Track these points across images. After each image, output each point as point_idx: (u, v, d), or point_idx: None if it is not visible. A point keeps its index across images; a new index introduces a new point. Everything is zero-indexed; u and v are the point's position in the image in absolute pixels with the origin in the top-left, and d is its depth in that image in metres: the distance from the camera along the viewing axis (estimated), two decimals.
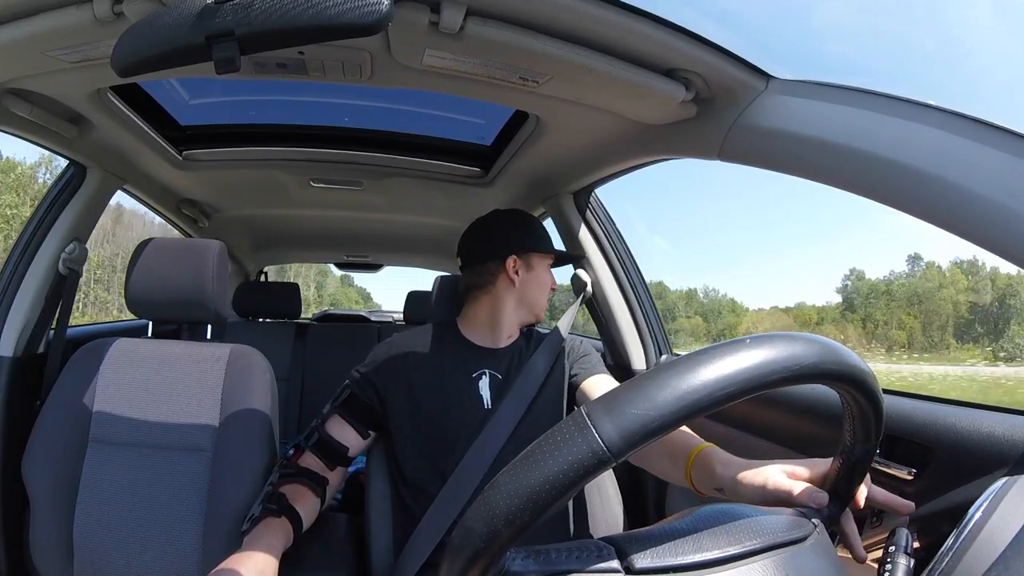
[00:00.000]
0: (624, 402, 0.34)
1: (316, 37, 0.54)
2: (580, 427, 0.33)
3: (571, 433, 0.33)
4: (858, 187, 0.68)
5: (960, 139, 0.57)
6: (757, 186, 32.33)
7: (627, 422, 0.33)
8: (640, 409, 0.33)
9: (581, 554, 0.39)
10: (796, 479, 0.56)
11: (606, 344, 1.48)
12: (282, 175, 1.56)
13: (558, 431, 0.34)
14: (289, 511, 0.81)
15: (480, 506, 0.35)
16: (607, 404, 0.34)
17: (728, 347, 0.36)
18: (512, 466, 0.34)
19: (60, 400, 0.96)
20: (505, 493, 0.33)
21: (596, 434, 0.33)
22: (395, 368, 0.95)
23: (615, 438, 0.33)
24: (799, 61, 1.06)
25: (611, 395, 0.35)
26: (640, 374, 0.36)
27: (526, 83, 0.87)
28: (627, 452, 0.33)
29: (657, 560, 0.38)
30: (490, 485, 0.35)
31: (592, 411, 0.34)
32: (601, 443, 0.33)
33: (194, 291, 1.04)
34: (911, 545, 0.48)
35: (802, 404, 0.93)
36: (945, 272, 49.46)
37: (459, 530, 0.36)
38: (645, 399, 0.34)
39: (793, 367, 0.36)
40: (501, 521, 0.33)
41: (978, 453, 0.64)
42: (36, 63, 0.82)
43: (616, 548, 0.39)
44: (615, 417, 0.33)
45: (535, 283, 1.02)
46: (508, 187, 1.52)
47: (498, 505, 0.33)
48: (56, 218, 1.21)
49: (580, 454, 0.33)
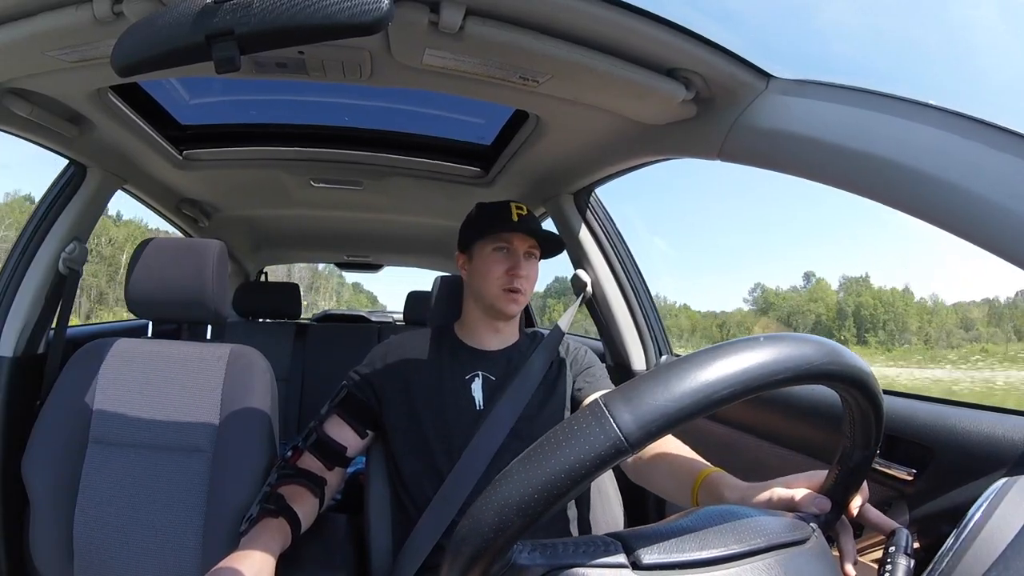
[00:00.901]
0: (642, 392, 0.34)
1: (316, 36, 0.54)
2: (598, 416, 0.33)
3: (588, 423, 0.33)
4: (858, 187, 0.68)
5: (961, 139, 0.57)
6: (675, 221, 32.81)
7: (646, 412, 0.33)
8: (659, 400, 0.33)
9: (588, 548, 0.39)
10: (797, 486, 0.56)
11: (606, 344, 1.48)
12: (282, 175, 1.56)
13: (574, 420, 0.34)
14: (287, 512, 0.81)
15: (491, 495, 0.34)
16: (625, 394, 0.34)
17: (744, 343, 0.36)
18: (526, 455, 0.34)
19: (60, 400, 0.96)
20: (519, 481, 0.33)
21: (614, 424, 0.33)
22: (393, 369, 0.95)
23: (633, 428, 0.33)
24: (799, 61, 1.06)
25: (629, 386, 0.35)
26: (657, 366, 0.37)
27: (526, 83, 0.87)
28: (645, 442, 0.33)
29: (663, 556, 0.38)
30: (502, 475, 0.35)
31: (610, 401, 0.34)
32: (619, 432, 0.33)
33: (194, 291, 1.04)
34: (911, 546, 0.48)
35: (803, 406, 0.93)
36: (823, 287, 54.83)
37: (466, 520, 0.35)
38: (664, 390, 0.34)
39: (804, 365, 0.37)
40: (513, 510, 0.33)
41: (978, 453, 0.64)
42: (36, 63, 0.82)
43: (623, 543, 0.40)
44: (633, 407, 0.33)
45: (478, 273, 0.96)
46: (508, 187, 1.51)
47: (511, 494, 0.33)
48: (56, 218, 1.21)
49: (597, 443, 0.33)
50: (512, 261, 0.94)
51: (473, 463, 0.87)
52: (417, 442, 0.91)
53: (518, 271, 0.93)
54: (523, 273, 0.94)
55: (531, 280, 0.96)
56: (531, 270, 0.96)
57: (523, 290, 0.95)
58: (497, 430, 0.89)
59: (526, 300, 0.97)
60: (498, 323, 0.99)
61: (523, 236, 0.95)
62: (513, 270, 0.93)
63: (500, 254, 0.95)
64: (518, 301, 0.95)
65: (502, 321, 0.98)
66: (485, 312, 0.98)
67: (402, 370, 0.95)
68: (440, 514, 0.85)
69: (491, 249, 0.95)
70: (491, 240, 0.95)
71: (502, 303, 0.94)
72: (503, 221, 0.94)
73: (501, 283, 0.94)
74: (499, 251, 0.95)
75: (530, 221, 0.96)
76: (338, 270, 3.55)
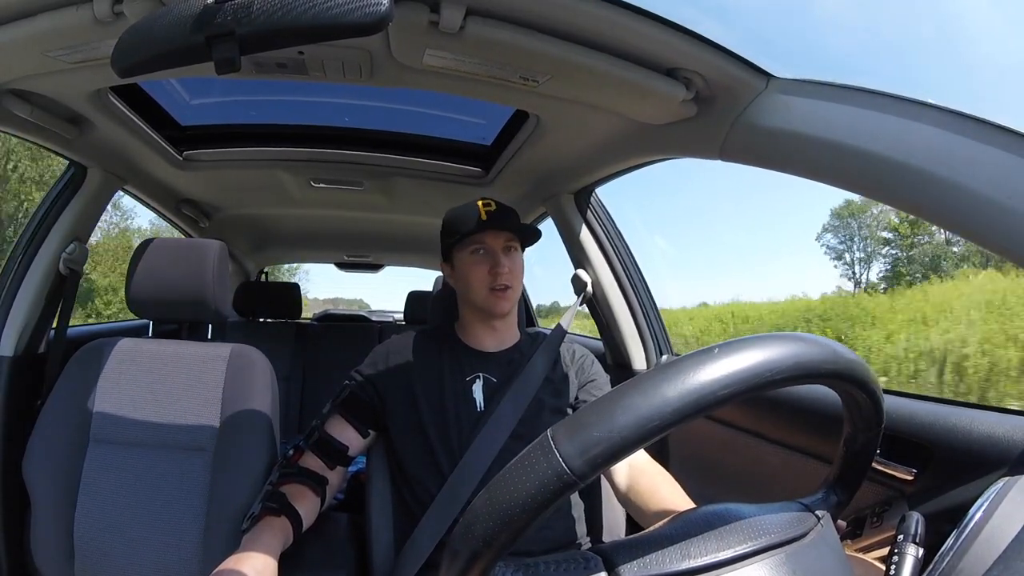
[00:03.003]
0: (586, 425, 0.34)
1: (316, 37, 0.54)
2: (545, 451, 0.34)
3: (537, 456, 0.34)
4: (859, 186, 0.68)
5: (961, 138, 0.57)
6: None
7: (588, 445, 0.33)
8: (601, 432, 0.33)
9: (569, 566, 0.39)
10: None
11: (606, 344, 1.48)
12: (283, 175, 1.57)
13: (527, 455, 0.34)
14: (289, 510, 0.81)
15: (462, 526, 0.35)
16: (569, 427, 0.34)
17: (691, 360, 0.35)
18: (487, 488, 0.35)
19: (60, 400, 0.97)
20: (482, 515, 0.34)
21: (560, 457, 0.33)
22: (395, 369, 0.95)
23: (578, 461, 0.33)
24: (800, 60, 1.06)
25: (574, 418, 0.35)
26: (604, 394, 0.36)
27: (526, 83, 0.87)
28: (591, 474, 0.33)
29: (644, 569, 0.38)
30: (470, 507, 0.35)
31: (556, 434, 0.34)
32: (564, 466, 0.33)
33: (195, 291, 1.04)
34: (920, 532, 0.47)
35: (803, 405, 0.93)
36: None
37: (448, 547, 0.36)
38: (606, 421, 0.34)
39: (765, 373, 0.35)
40: (480, 542, 0.34)
41: (978, 453, 0.64)
42: (36, 63, 0.82)
43: (603, 558, 0.40)
44: (576, 441, 0.33)
45: (463, 280, 0.96)
46: (508, 187, 1.52)
47: (476, 527, 0.34)
48: (56, 218, 1.22)
49: (546, 477, 0.33)
50: (491, 260, 0.94)
51: (475, 463, 0.87)
52: (419, 442, 0.91)
53: (499, 269, 0.93)
54: (504, 270, 0.93)
55: (515, 274, 0.95)
56: (513, 264, 0.95)
57: (510, 285, 0.94)
58: (499, 431, 0.89)
59: (516, 294, 0.96)
60: (494, 323, 0.99)
61: (495, 232, 0.95)
62: (494, 269, 0.93)
63: (478, 256, 0.94)
64: (507, 297, 0.94)
65: (497, 320, 0.98)
66: (479, 315, 0.98)
67: (404, 370, 0.95)
68: (442, 512, 0.85)
69: (468, 253, 0.95)
70: (467, 244, 0.95)
71: (492, 304, 0.94)
72: (472, 222, 0.94)
73: (486, 284, 0.93)
74: (476, 253, 0.95)
75: (500, 216, 0.94)
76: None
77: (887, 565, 0.47)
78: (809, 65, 0.80)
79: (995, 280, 9.34)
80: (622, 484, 0.88)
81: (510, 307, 0.96)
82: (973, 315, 8.48)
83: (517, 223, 0.97)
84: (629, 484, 0.87)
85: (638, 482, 0.86)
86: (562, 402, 0.96)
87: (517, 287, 0.96)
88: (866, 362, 0.42)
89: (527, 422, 0.91)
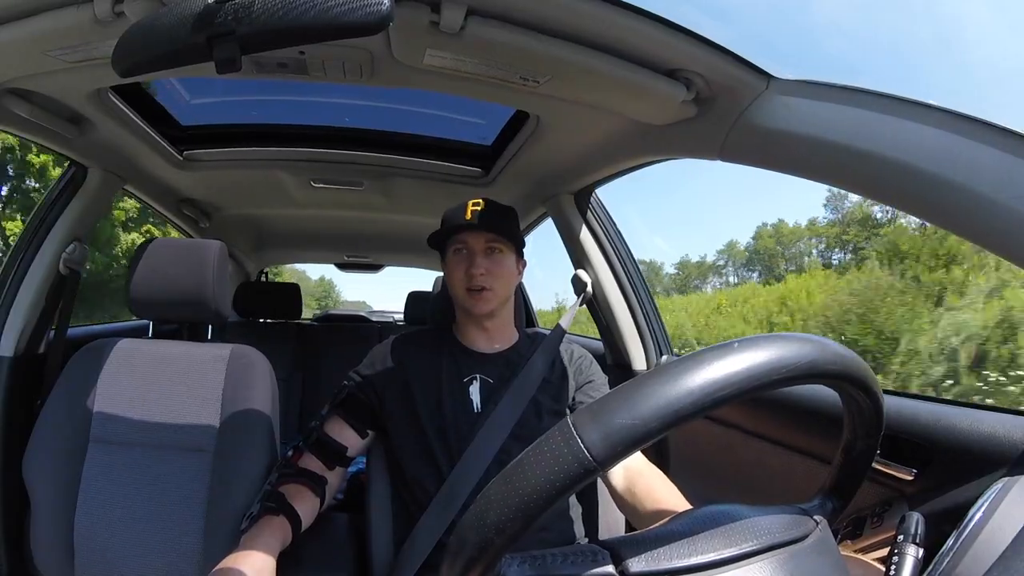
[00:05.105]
0: (610, 411, 0.34)
1: (317, 37, 0.54)
2: (566, 437, 0.33)
3: (557, 443, 0.34)
4: (859, 187, 0.68)
5: (962, 139, 0.57)
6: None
7: (612, 431, 0.33)
8: (625, 418, 0.33)
9: (576, 559, 0.39)
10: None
11: (606, 344, 1.48)
12: (283, 175, 1.56)
13: (545, 441, 0.34)
14: (288, 510, 0.81)
15: (472, 515, 0.35)
16: (593, 413, 0.34)
17: (716, 352, 0.36)
18: (502, 476, 0.35)
19: (60, 400, 0.96)
20: (495, 502, 0.34)
21: (581, 443, 0.33)
22: (393, 369, 0.95)
23: (600, 447, 0.33)
24: (800, 61, 1.06)
25: (597, 404, 0.35)
26: (627, 381, 0.36)
27: (526, 83, 0.87)
28: (613, 461, 0.33)
29: (652, 564, 0.38)
30: (482, 494, 0.35)
31: (578, 420, 0.34)
32: (587, 452, 0.33)
33: (195, 291, 1.04)
34: (920, 533, 0.47)
35: (803, 407, 0.93)
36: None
37: (454, 537, 0.36)
38: (631, 407, 0.34)
39: (782, 369, 0.36)
40: (492, 530, 0.33)
41: (978, 453, 0.64)
42: (36, 63, 0.82)
43: (611, 552, 0.40)
44: (600, 426, 0.33)
45: (448, 278, 0.97)
46: (508, 187, 1.52)
47: (488, 514, 0.34)
48: (57, 218, 1.21)
49: (566, 464, 0.33)
50: (469, 260, 0.93)
51: (474, 463, 0.87)
52: (418, 442, 0.91)
53: (473, 269, 0.92)
54: (479, 271, 0.92)
55: (496, 275, 0.93)
56: (494, 266, 0.93)
57: (488, 287, 0.92)
58: (497, 432, 0.89)
59: (496, 296, 0.94)
60: (482, 323, 0.98)
61: (478, 233, 0.94)
62: (469, 269, 0.92)
63: (459, 256, 0.95)
64: (484, 298, 0.93)
65: (484, 320, 0.97)
66: (463, 314, 0.99)
67: (402, 370, 0.95)
68: (442, 512, 0.85)
69: (452, 252, 0.96)
70: (451, 244, 0.96)
71: (468, 304, 0.94)
72: (456, 222, 0.94)
73: (463, 284, 0.93)
74: (458, 253, 0.95)
75: (484, 217, 0.93)
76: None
77: (887, 565, 0.47)
78: (810, 66, 0.80)
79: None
80: (619, 486, 0.87)
81: (488, 308, 0.94)
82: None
83: (499, 224, 0.95)
84: (626, 486, 0.87)
85: (635, 484, 0.86)
86: (560, 403, 0.96)
87: (499, 289, 0.94)
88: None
89: (525, 423, 0.91)
